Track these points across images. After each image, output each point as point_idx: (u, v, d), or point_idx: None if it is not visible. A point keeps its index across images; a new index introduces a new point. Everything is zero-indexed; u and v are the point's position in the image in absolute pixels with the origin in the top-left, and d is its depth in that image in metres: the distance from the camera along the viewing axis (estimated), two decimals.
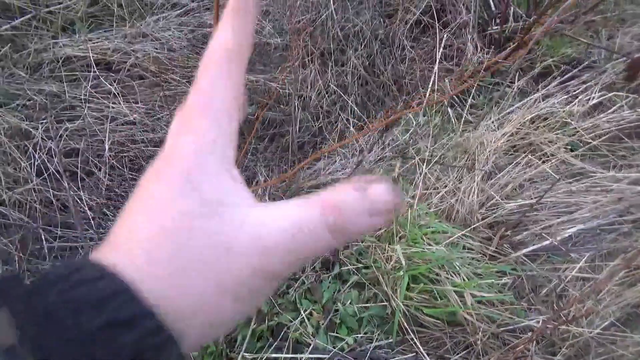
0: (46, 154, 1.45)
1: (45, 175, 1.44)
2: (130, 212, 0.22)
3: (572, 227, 1.20)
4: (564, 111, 1.41)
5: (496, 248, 1.20)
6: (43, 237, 1.39)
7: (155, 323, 0.18)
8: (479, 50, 1.86)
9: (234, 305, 0.21)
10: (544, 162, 1.33)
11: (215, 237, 0.20)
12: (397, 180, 1.35)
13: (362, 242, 1.27)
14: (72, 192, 1.42)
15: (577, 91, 1.48)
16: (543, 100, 1.48)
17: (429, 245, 1.12)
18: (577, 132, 1.39)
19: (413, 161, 1.43)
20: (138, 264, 0.20)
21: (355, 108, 1.83)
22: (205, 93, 0.23)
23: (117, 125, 1.56)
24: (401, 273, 1.09)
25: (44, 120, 1.50)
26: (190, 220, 0.20)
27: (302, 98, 1.84)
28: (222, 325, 0.21)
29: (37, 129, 1.47)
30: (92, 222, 1.44)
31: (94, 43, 1.71)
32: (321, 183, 1.57)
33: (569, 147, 1.40)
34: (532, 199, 1.26)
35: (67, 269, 0.19)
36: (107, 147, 1.49)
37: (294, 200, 0.21)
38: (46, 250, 1.38)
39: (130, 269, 0.19)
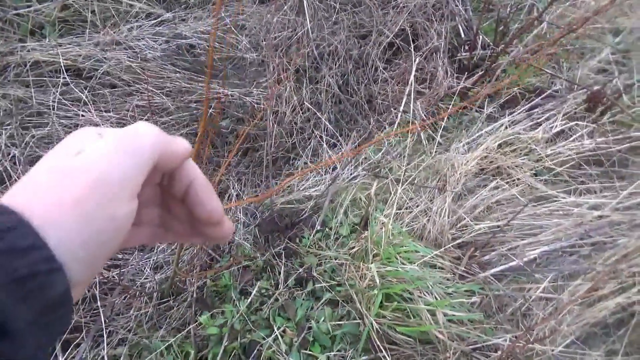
0: (9, 162, 1.39)
1: (8, 183, 1.38)
2: (40, 165, 0.28)
3: (536, 249, 1.25)
4: (529, 137, 1.48)
5: (465, 268, 1.23)
6: None
7: (47, 253, 0.23)
8: (449, 75, 1.93)
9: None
10: (511, 185, 1.38)
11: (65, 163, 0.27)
12: (371, 199, 1.37)
13: (335, 260, 1.28)
14: None
15: (541, 119, 1.56)
16: (509, 126, 1.54)
17: (403, 264, 1.15)
18: (541, 158, 1.46)
19: (387, 181, 1.46)
20: (41, 206, 0.24)
21: (329, 125, 1.86)
22: None
23: None
24: (375, 291, 1.10)
25: (9, 126, 1.44)
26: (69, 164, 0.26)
27: (277, 114, 1.85)
28: (98, 242, 0.26)
29: (0, 135, 1.41)
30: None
31: (64, 48, 1.66)
32: (294, 199, 1.58)
33: (534, 172, 1.47)
34: (499, 220, 1.31)
35: None
36: None
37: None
38: None
39: (28, 205, 0.24)
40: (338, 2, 2.21)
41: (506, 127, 1.53)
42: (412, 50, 2.11)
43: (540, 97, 1.65)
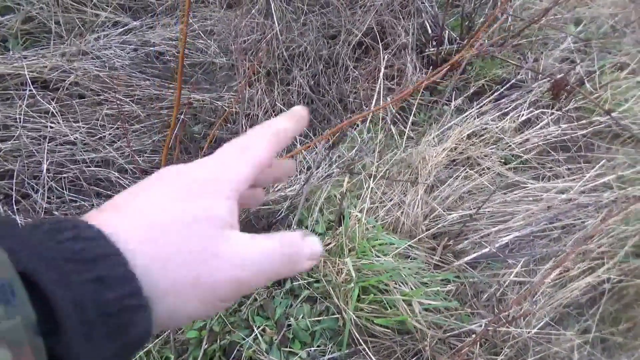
0: None
1: None
2: (149, 190, 0.26)
3: (508, 235, 1.28)
4: (497, 127, 1.51)
5: (440, 257, 1.25)
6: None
7: (137, 287, 0.22)
8: (417, 70, 1.95)
9: (199, 303, 0.25)
10: (481, 175, 1.41)
11: (208, 242, 0.25)
12: (345, 195, 1.38)
13: None
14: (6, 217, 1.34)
15: (508, 109, 1.60)
16: (478, 117, 1.58)
17: (378, 257, 1.16)
18: (509, 146, 1.50)
19: (360, 177, 1.48)
20: (137, 235, 0.23)
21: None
22: (263, 146, 0.30)
23: (56, 145, 1.50)
24: (352, 285, 1.11)
25: None
26: (194, 219, 0.25)
27: (249, 117, 1.85)
28: (180, 317, 0.24)
29: None
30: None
31: (29, 61, 1.64)
32: (270, 200, 1.58)
33: (503, 160, 1.50)
34: (471, 209, 1.33)
35: (64, 224, 0.22)
36: (45, 168, 1.43)
37: (264, 234, 0.28)
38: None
39: (127, 235, 0.23)
40: (306, 4, 2.23)
41: (474, 118, 1.57)
42: (381, 48, 2.14)
43: (506, 88, 1.69)
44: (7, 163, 1.41)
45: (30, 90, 1.56)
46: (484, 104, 1.64)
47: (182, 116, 1.71)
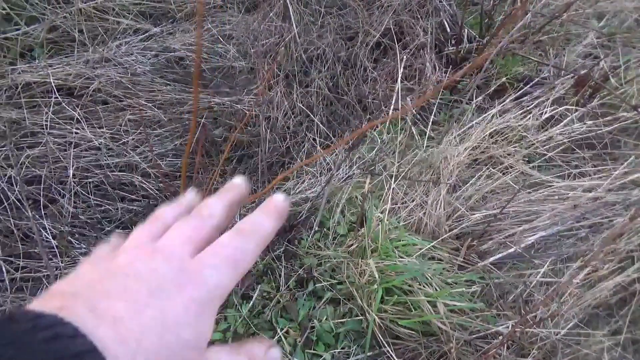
0: (6, 182, 1.40)
1: (5, 204, 1.39)
2: (124, 289, 0.26)
3: (533, 235, 1.26)
4: (519, 125, 1.49)
5: (464, 258, 1.24)
6: (4, 268, 1.33)
7: None
8: (437, 69, 1.94)
9: None
10: (504, 174, 1.39)
11: (181, 354, 0.25)
12: (367, 196, 1.38)
13: (334, 259, 1.29)
14: (34, 221, 1.37)
15: (531, 106, 1.57)
16: (500, 115, 1.55)
17: (401, 257, 1.15)
18: (533, 144, 1.47)
19: (381, 177, 1.47)
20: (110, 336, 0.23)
21: (322, 127, 1.87)
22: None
23: (81, 150, 1.53)
24: (375, 286, 1.11)
25: (4, 148, 1.45)
26: (172, 329, 0.25)
27: (269, 119, 1.86)
28: None
29: None
30: (57, 250, 1.39)
31: (54, 69, 1.68)
32: (291, 202, 1.58)
33: (527, 159, 1.47)
34: (495, 209, 1.31)
35: (39, 321, 0.22)
36: (70, 173, 1.46)
37: (229, 348, 0.29)
38: (7, 282, 1.32)
39: (102, 336, 0.23)
40: (323, 6, 2.23)
41: (496, 117, 1.54)
42: (399, 48, 2.13)
43: (528, 85, 1.67)
44: (35, 169, 1.45)
45: (55, 97, 1.60)
46: (506, 102, 1.61)
47: (202, 120, 1.73)
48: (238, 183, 0.35)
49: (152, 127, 1.68)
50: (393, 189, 1.35)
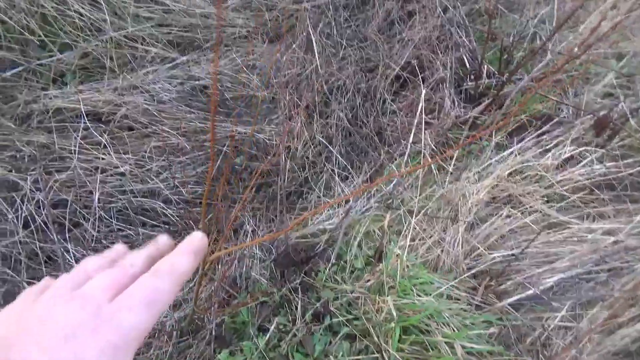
0: (34, 206, 1.44)
1: (32, 227, 1.43)
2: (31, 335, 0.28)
3: (552, 277, 1.25)
4: (538, 165, 1.49)
5: (482, 298, 1.23)
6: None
7: None
8: (456, 104, 1.96)
9: None
10: (523, 213, 1.39)
11: None
12: (385, 231, 1.39)
13: (351, 293, 1.29)
14: (58, 244, 1.41)
15: (550, 145, 1.58)
16: (519, 154, 1.56)
17: (419, 296, 1.16)
18: (552, 185, 1.48)
19: (399, 212, 1.48)
20: None
21: (340, 158, 1.89)
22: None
23: (107, 176, 1.58)
24: (392, 325, 1.11)
25: (33, 172, 1.50)
26: None
27: (289, 149, 1.89)
28: None
29: (25, 181, 1.47)
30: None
31: (84, 95, 1.73)
32: (309, 233, 1.60)
33: (546, 198, 1.48)
34: (513, 249, 1.31)
35: None
36: (96, 198, 1.50)
37: None
38: None
39: None
40: (344, 39, 2.29)
41: (515, 155, 1.56)
42: (419, 82, 2.16)
43: (547, 124, 1.68)
44: (61, 193, 1.49)
45: (84, 123, 1.65)
46: (525, 141, 1.63)
47: (225, 149, 1.77)
48: (163, 241, 0.36)
49: (176, 154, 1.72)
50: (410, 224, 1.36)
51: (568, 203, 1.47)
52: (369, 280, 1.28)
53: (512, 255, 1.29)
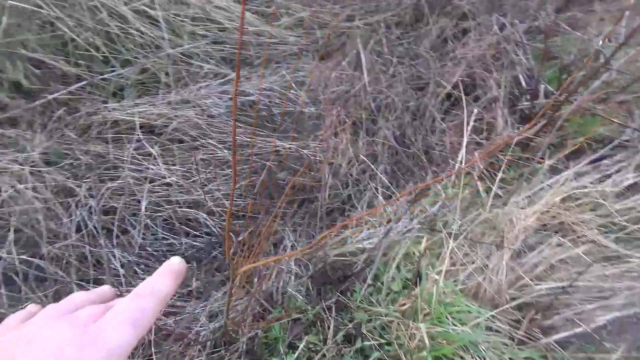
0: (87, 212, 1.52)
1: (84, 231, 1.50)
2: None
3: (606, 314, 1.15)
4: (596, 191, 1.39)
5: (525, 332, 1.15)
6: (75, 292, 1.43)
7: None
8: (508, 124, 1.88)
9: None
10: (576, 243, 1.30)
11: None
12: (424, 254, 1.34)
13: (385, 316, 1.25)
14: (106, 249, 1.47)
15: (610, 171, 1.47)
16: (574, 178, 1.46)
17: (454, 325, 1.10)
18: (611, 213, 1.37)
19: (440, 235, 1.43)
20: None
21: (384, 177, 1.86)
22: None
23: (155, 186, 1.64)
24: (424, 354, 1.06)
25: (88, 179, 1.58)
26: None
27: (332, 165, 1.88)
28: None
29: (80, 187, 1.55)
30: (123, 279, 1.47)
31: (140, 108, 1.82)
32: (347, 252, 1.57)
33: (602, 228, 1.37)
34: (564, 281, 1.22)
35: None
36: (143, 207, 1.56)
37: None
38: None
39: None
40: (395, 56, 2.27)
41: (571, 180, 1.46)
42: (470, 100, 2.09)
43: (608, 148, 1.56)
44: (111, 200, 1.56)
45: (138, 134, 1.73)
46: (582, 165, 1.52)
47: (268, 163, 1.79)
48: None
49: (221, 167, 1.76)
50: (452, 249, 1.30)
51: (628, 234, 1.35)
52: (404, 304, 1.24)
53: (562, 287, 1.19)
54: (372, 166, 1.84)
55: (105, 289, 0.40)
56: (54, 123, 1.72)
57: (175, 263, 0.37)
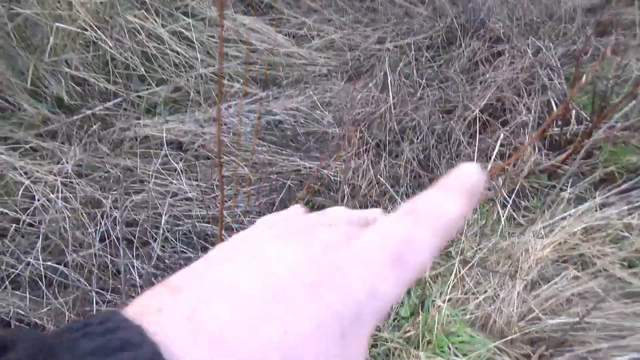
0: (111, 222, 1.60)
1: (107, 241, 1.57)
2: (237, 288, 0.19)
3: (623, 355, 1.08)
4: (621, 223, 1.32)
5: None
6: (94, 300, 1.49)
7: None
8: (536, 151, 1.82)
9: None
10: (596, 277, 1.23)
11: None
12: (434, 279, 1.31)
13: (390, 342, 1.23)
14: (126, 260, 1.53)
15: (638, 203, 1.39)
16: (599, 209, 1.40)
17: (455, 355, 1.06)
18: (637, 248, 1.29)
19: (454, 261, 1.39)
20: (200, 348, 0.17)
21: (402, 201, 1.84)
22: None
23: (177, 200, 1.69)
24: None
25: (115, 192, 1.66)
26: None
27: (353, 186, 1.88)
28: None
29: (107, 199, 1.63)
30: (140, 289, 1.53)
31: (169, 125, 1.91)
32: None
33: (625, 263, 1.29)
34: (579, 316, 1.16)
35: (108, 325, 0.17)
36: (164, 220, 1.62)
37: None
38: (94, 312, 1.47)
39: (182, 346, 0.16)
40: (424, 79, 2.26)
41: (595, 210, 1.39)
42: (499, 125, 2.05)
43: (639, 178, 1.48)
44: (135, 212, 1.63)
45: (165, 150, 1.81)
46: (610, 195, 1.45)
47: (288, 182, 1.81)
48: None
49: (242, 185, 1.80)
50: (463, 276, 1.27)
51: None
52: (408, 331, 1.21)
53: (577, 322, 1.13)
54: (395, 188, 1.82)
55: (377, 212, 0.27)
56: (89, 137, 1.83)
57: (469, 171, 0.23)
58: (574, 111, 1.84)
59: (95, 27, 1.96)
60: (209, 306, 0.18)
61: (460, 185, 0.23)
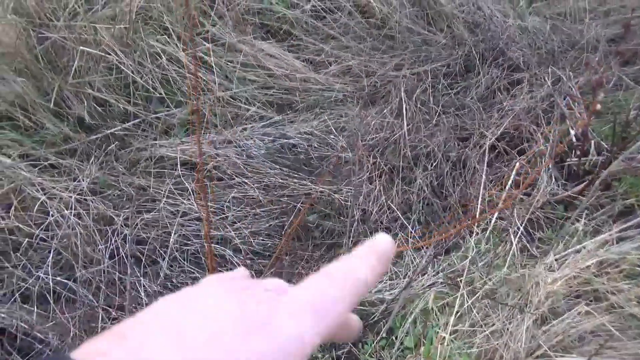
0: (121, 240, 1.62)
1: (116, 258, 1.59)
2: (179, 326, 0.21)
3: None
4: (638, 258, 1.26)
5: None
6: (100, 316, 1.50)
7: None
8: (553, 181, 1.78)
9: None
10: (610, 313, 1.17)
11: None
12: (440, 310, 1.28)
13: None
14: (133, 277, 1.54)
15: None
16: (617, 242, 1.34)
17: None
18: None
19: (462, 292, 1.36)
20: None
21: (417, 228, 1.81)
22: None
23: (186, 220, 1.71)
24: None
25: (127, 210, 1.69)
26: None
27: (364, 211, 1.87)
28: None
29: (119, 217, 1.66)
30: (145, 307, 1.53)
31: (184, 146, 1.94)
32: (366, 301, 1.53)
33: None
34: (591, 354, 1.10)
35: None
36: (172, 239, 1.63)
37: None
38: (99, 330, 1.48)
39: None
40: (440, 106, 2.25)
41: (612, 244, 1.34)
42: (515, 154, 2.01)
43: None
44: (144, 231, 1.65)
45: (178, 170, 1.83)
46: (629, 228, 1.39)
47: (299, 205, 1.81)
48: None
49: (252, 207, 1.81)
50: (470, 307, 1.23)
51: None
52: None
53: None
54: (402, 217, 1.80)
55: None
56: (107, 156, 1.87)
57: (380, 242, 0.28)
58: (593, 141, 1.79)
59: (118, 52, 2.03)
60: (153, 349, 0.20)
61: (372, 252, 0.28)
